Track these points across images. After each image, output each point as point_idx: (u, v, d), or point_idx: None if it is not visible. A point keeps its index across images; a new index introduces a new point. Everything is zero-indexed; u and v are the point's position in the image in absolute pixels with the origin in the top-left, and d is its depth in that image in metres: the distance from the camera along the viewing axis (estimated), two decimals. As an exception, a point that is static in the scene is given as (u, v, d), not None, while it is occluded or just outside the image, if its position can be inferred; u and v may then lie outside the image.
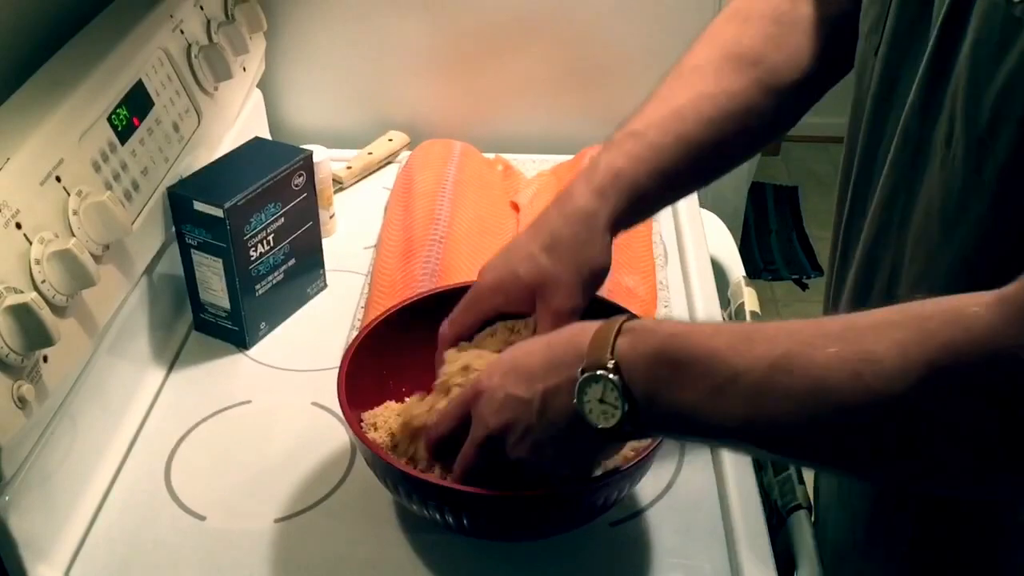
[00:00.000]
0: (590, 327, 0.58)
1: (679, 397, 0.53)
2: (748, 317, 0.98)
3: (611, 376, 0.54)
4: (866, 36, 0.62)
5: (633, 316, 0.58)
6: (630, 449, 0.74)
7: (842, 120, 0.66)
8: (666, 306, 0.98)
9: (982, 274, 0.50)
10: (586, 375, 0.55)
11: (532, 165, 1.22)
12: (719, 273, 1.09)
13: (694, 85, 0.72)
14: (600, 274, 0.72)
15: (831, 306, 0.69)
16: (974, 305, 0.45)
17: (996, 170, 0.48)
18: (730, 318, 1.01)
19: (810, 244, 2.65)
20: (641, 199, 0.71)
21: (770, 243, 2.67)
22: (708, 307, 1.00)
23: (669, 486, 0.80)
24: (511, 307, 0.72)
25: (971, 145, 0.50)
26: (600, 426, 0.56)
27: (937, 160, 0.53)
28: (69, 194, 0.74)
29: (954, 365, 0.44)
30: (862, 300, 0.61)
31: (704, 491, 0.80)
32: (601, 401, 0.55)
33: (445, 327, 0.74)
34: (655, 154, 0.71)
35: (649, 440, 0.70)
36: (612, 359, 0.54)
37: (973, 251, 0.47)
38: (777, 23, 0.72)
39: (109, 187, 0.80)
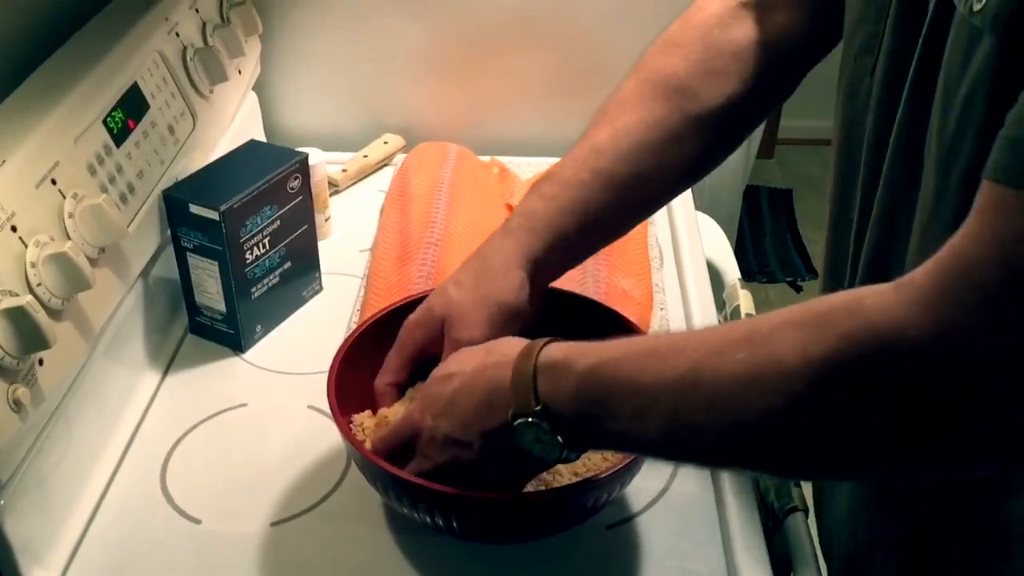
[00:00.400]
0: (505, 361, 0.60)
1: (606, 427, 0.56)
2: (743, 319, 0.98)
3: (540, 422, 0.57)
4: (856, 57, 0.61)
5: (552, 339, 0.60)
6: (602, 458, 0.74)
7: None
8: (662, 308, 0.98)
9: None
10: (518, 422, 0.58)
11: (528, 168, 1.22)
12: (715, 275, 1.09)
13: (615, 119, 0.72)
14: (510, 310, 0.72)
15: None
16: (870, 296, 0.45)
17: (960, 177, 0.49)
18: (726, 320, 1.01)
19: (804, 246, 2.65)
20: (562, 238, 0.72)
21: (765, 246, 2.67)
22: (704, 310, 1.00)
23: (664, 489, 0.80)
24: (432, 343, 0.73)
25: (941, 154, 0.50)
26: (543, 458, 0.59)
27: (925, 173, 0.53)
28: (65, 197, 0.73)
29: (851, 356, 0.45)
30: None
31: (700, 494, 0.80)
32: (537, 440, 0.58)
33: (377, 380, 0.76)
34: (571, 192, 0.72)
35: None
36: (537, 404, 0.57)
37: None
38: (705, 48, 0.72)
39: (105, 190, 0.79)
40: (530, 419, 0.58)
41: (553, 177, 0.73)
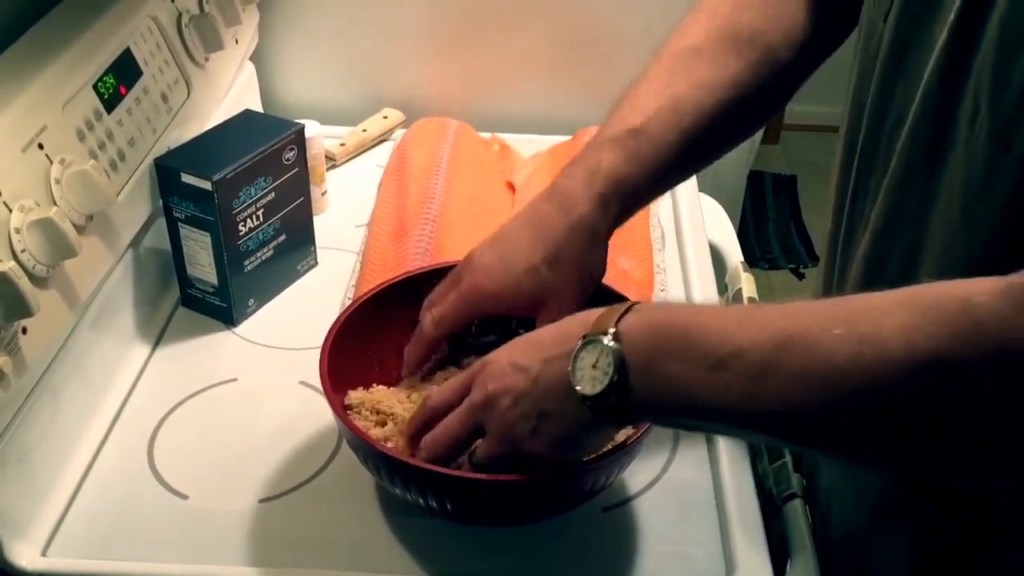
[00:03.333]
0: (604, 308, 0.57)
1: (677, 369, 0.51)
2: (746, 303, 0.96)
3: (608, 342, 0.53)
4: (874, 0, 0.59)
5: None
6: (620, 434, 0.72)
7: (841, 109, 0.64)
8: (663, 289, 0.97)
9: (1003, 259, 0.48)
10: (584, 340, 0.54)
11: (528, 145, 1.20)
12: (717, 258, 1.07)
13: (691, 71, 0.71)
14: (598, 280, 0.73)
15: (835, 292, 0.67)
16: (982, 293, 0.43)
17: None
18: (728, 304, 0.99)
19: (807, 233, 2.64)
20: (639, 201, 0.72)
21: (767, 232, 2.66)
22: (705, 291, 0.98)
23: (663, 472, 0.79)
24: (506, 313, 0.71)
25: (997, 123, 0.47)
26: (585, 392, 0.54)
27: (961, 139, 0.51)
28: (52, 162, 0.71)
29: (960, 355, 0.43)
30: (872, 283, 0.59)
31: (698, 478, 0.78)
32: (594, 367, 0.54)
33: (430, 323, 0.72)
34: (656, 154, 0.70)
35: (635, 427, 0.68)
36: (615, 327, 0.53)
37: (994, 237, 0.45)
38: None
39: (94, 156, 0.77)
40: (596, 337, 0.53)
41: (638, 135, 0.70)
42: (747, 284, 0.99)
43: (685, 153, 0.70)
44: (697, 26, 0.73)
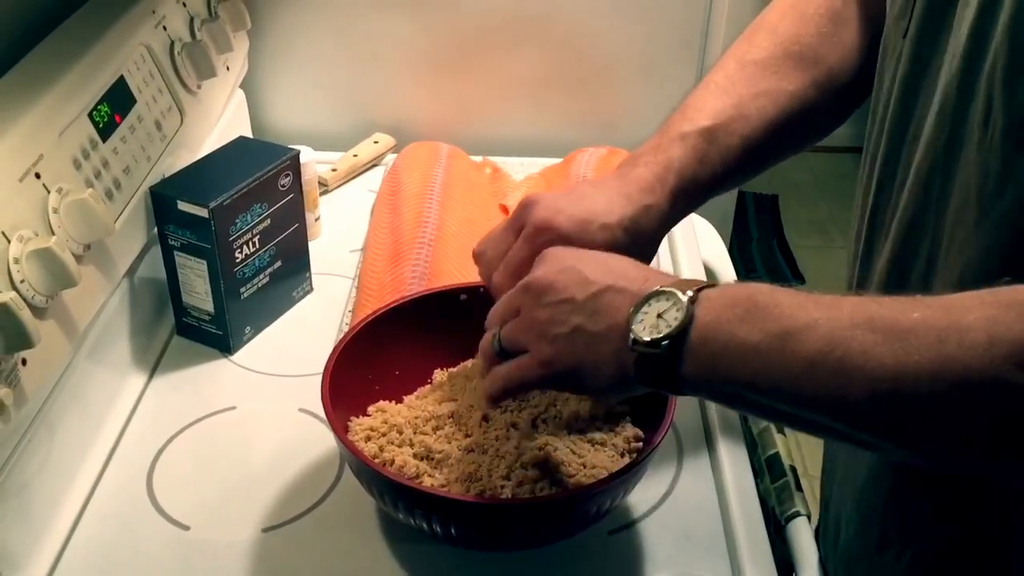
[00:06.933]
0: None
1: (744, 332, 0.50)
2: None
3: (684, 299, 0.53)
4: (895, 20, 0.61)
5: None
6: (624, 449, 0.72)
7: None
8: (660, 310, 0.97)
9: (1017, 259, 0.49)
10: (661, 289, 0.54)
11: (520, 168, 1.20)
12: (710, 277, 1.07)
13: (755, 81, 0.73)
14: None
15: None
16: None
17: None
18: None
19: (791, 252, 2.65)
20: (696, 200, 0.73)
21: (751, 251, 2.67)
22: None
23: (668, 494, 0.78)
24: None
25: (1010, 125, 0.48)
26: (638, 335, 0.53)
27: (973, 141, 0.51)
28: (49, 191, 0.71)
29: None
30: (896, 286, 0.59)
31: (703, 499, 0.78)
32: (659, 316, 0.53)
33: (501, 275, 0.70)
34: (720, 156, 0.71)
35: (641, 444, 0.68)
36: (695, 291, 0.53)
37: (1009, 236, 0.46)
38: (833, 21, 0.73)
39: (90, 185, 0.77)
40: (672, 290, 0.53)
41: (706, 136, 0.71)
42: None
43: (746, 158, 0.72)
44: (760, 39, 0.74)
